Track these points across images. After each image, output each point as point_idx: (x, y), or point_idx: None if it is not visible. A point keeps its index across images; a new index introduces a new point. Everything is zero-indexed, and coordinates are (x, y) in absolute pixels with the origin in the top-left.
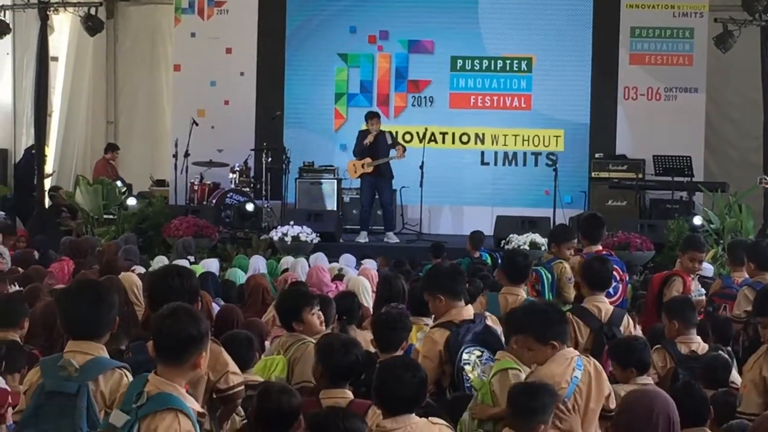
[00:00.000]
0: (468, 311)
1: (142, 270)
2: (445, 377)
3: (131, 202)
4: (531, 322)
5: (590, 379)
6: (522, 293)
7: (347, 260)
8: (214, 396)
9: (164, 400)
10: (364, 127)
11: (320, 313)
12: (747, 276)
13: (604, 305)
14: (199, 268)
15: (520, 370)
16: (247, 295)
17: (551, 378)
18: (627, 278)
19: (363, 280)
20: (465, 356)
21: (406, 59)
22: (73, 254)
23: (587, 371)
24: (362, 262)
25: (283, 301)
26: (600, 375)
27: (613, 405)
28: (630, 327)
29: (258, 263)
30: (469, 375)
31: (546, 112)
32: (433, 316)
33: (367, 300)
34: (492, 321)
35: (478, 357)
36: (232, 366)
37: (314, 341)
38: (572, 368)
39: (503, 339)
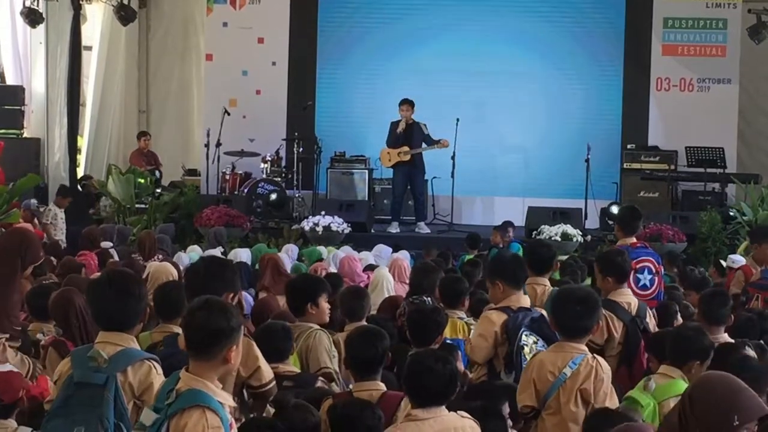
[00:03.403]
0: (525, 300)
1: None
2: (498, 361)
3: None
4: None
5: (579, 381)
6: (547, 283)
7: (380, 250)
8: (248, 391)
9: (192, 397)
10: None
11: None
12: None
13: (631, 298)
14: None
15: None
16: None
17: (540, 363)
18: (662, 270)
19: (386, 274)
20: (524, 338)
21: None
22: (90, 244)
23: (579, 372)
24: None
25: (302, 283)
26: (596, 378)
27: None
28: (653, 321)
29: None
30: (527, 357)
31: (579, 103)
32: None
33: (390, 293)
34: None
35: (534, 342)
36: (263, 361)
37: (322, 329)
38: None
39: None
